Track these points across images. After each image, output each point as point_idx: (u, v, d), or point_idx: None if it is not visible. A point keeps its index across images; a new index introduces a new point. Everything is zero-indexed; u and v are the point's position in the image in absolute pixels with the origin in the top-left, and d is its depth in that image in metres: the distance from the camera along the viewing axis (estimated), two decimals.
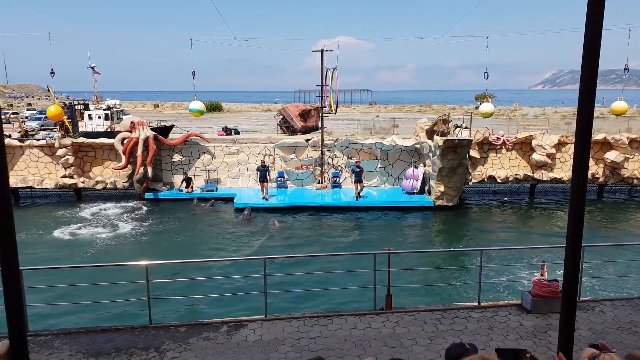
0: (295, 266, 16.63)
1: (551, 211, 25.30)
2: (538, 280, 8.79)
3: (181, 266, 16.04)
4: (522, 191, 28.75)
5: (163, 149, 27.78)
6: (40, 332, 8.05)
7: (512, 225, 23.28)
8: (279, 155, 27.76)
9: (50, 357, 7.18)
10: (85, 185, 26.86)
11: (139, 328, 8.11)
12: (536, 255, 16.37)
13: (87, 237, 20.84)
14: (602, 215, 24.72)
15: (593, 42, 3.83)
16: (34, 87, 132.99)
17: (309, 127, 35.48)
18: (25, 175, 27.08)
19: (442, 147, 22.82)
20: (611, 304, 9.01)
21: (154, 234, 21.41)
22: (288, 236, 20.89)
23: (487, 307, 8.93)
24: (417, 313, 8.66)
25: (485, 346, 7.43)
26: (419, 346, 7.50)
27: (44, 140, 27.66)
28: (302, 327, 8.12)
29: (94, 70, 34.41)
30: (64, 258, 18.02)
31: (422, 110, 66.10)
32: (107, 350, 7.38)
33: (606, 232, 21.76)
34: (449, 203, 24.23)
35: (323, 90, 28.31)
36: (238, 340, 7.70)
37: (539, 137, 27.33)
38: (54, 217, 24.07)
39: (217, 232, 21.39)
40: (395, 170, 27.87)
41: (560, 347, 4.15)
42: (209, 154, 28.00)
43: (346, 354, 7.27)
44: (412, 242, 20.28)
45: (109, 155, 27.68)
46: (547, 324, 8.18)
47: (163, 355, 7.25)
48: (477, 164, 27.35)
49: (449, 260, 17.87)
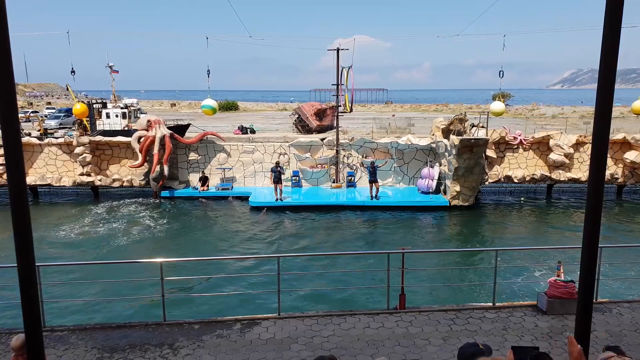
0: (309, 265, 16.65)
1: (568, 211, 24.93)
2: (554, 281, 8.67)
3: (195, 263, 16.17)
4: (539, 191, 28.38)
5: (179, 148, 28.02)
6: (56, 327, 8.18)
7: (528, 225, 23.00)
8: (294, 154, 27.80)
9: (65, 352, 7.29)
10: (102, 183, 27.22)
11: (153, 325, 8.20)
12: (552, 255, 16.14)
13: (103, 234, 21.11)
14: (620, 216, 24.29)
15: (612, 40, 3.76)
16: (53, 86, 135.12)
17: (324, 126, 35.45)
18: (44, 173, 27.52)
19: (458, 147, 22.63)
20: (629, 306, 8.85)
21: (169, 232, 21.61)
22: (302, 235, 20.92)
23: (501, 308, 8.83)
24: (430, 313, 8.60)
25: (500, 347, 7.35)
26: (433, 346, 7.45)
27: (62, 139, 28.09)
28: (315, 325, 8.13)
29: (111, 69, 34.80)
30: (81, 255, 18.28)
31: (439, 109, 65.64)
32: (122, 347, 7.47)
33: (625, 233, 21.38)
34: (465, 203, 24.03)
35: (338, 89, 28.27)
36: (251, 338, 7.74)
37: (557, 137, 26.94)
38: (72, 215, 24.44)
39: (231, 231, 21.50)
40: (411, 169, 27.72)
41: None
42: (225, 152, 28.16)
43: (359, 353, 7.25)
44: (426, 242, 20.15)
45: (125, 153, 28.00)
46: (563, 325, 8.06)
47: (177, 352, 7.32)
48: (494, 164, 27.06)
49: (464, 260, 17.72)
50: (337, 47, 27.66)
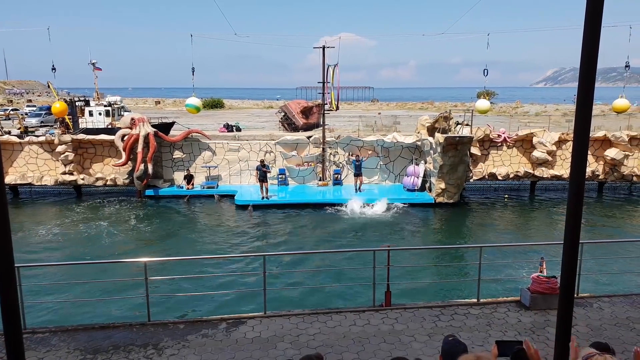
0: (295, 263, 16.64)
1: (551, 208, 25.27)
2: (537, 277, 8.79)
3: (180, 263, 16.05)
4: (523, 188, 28.72)
5: (164, 146, 27.76)
6: (37, 329, 8.05)
7: (512, 222, 23.26)
8: (280, 152, 27.73)
9: (47, 355, 7.19)
10: (85, 182, 26.86)
11: (137, 325, 8.12)
12: (535, 251, 16.35)
13: (86, 234, 20.84)
14: (601, 212, 24.69)
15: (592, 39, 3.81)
16: (34, 83, 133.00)
17: (310, 124, 35.45)
18: (24, 171, 27.07)
19: (443, 144, 22.79)
20: (609, 301, 9.01)
21: (154, 231, 21.42)
22: (288, 233, 20.89)
23: (486, 304, 8.93)
24: (416, 310, 8.66)
25: (484, 342, 7.43)
26: (418, 342, 7.50)
27: (43, 137, 27.66)
28: (301, 323, 8.12)
29: (94, 66, 34.35)
30: (62, 255, 18.02)
31: (424, 107, 66.02)
32: (105, 348, 7.38)
33: (605, 229, 21.74)
34: (450, 200, 24.21)
35: (324, 87, 28.25)
36: (237, 337, 7.71)
37: (540, 135, 27.28)
38: (53, 214, 24.09)
39: (217, 229, 21.38)
40: (397, 167, 27.84)
41: (557, 343, 4.15)
42: (210, 150, 27.98)
43: (345, 351, 7.27)
44: (412, 239, 20.27)
45: (109, 151, 27.66)
46: (546, 320, 8.17)
47: (161, 352, 7.26)
48: (478, 161, 27.32)
49: (449, 257, 17.86)
50: (322, 45, 27.62)
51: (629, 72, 26.55)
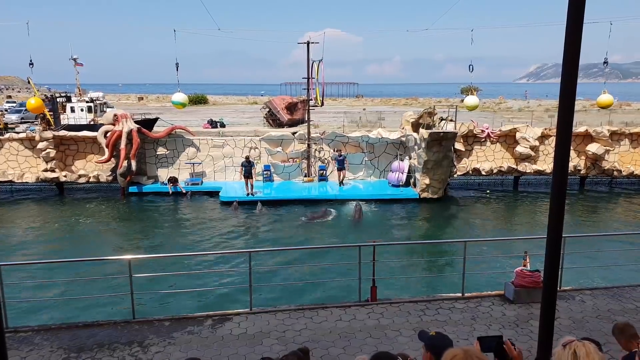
0: (281, 259, 16.61)
1: (534, 203, 25.59)
2: (520, 271, 8.90)
3: (165, 260, 15.93)
4: (506, 183, 29.05)
5: (147, 142, 27.45)
6: (20, 328, 7.94)
7: (496, 217, 23.52)
8: (265, 148, 27.63)
9: (30, 354, 7.09)
10: (67, 179, 26.47)
11: (122, 323, 8.05)
12: (519, 246, 16.53)
13: (69, 231, 20.57)
14: (583, 206, 25.09)
15: (574, 35, 3.86)
16: (14, 79, 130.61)
17: (295, 120, 35.37)
18: (4, 169, 26.58)
19: (428, 140, 22.92)
20: (591, 293, 9.17)
21: (138, 228, 21.22)
22: (273, 229, 20.85)
23: (470, 298, 9.02)
24: (401, 304, 8.72)
25: (469, 336, 7.51)
26: (404, 337, 7.56)
27: (24, 134, 27.17)
28: (287, 319, 8.13)
29: (75, 62, 33.86)
30: (45, 253, 17.76)
31: (409, 103, 66.30)
32: (89, 346, 7.30)
33: (587, 223, 22.10)
34: (434, 195, 24.37)
35: (309, 82, 28.19)
36: (223, 333, 7.68)
37: (523, 130, 27.59)
38: (35, 212, 23.72)
39: (202, 226, 21.26)
40: (381, 163, 27.93)
41: (541, 336, 4.21)
42: (194, 147, 27.75)
43: (331, 346, 7.29)
44: (397, 235, 20.37)
45: (91, 148, 27.28)
46: (529, 313, 8.29)
47: (147, 349, 7.20)
48: (462, 157, 27.55)
49: (434, 251, 17.99)
50: (307, 41, 27.52)
51: (608, 68, 26.89)
